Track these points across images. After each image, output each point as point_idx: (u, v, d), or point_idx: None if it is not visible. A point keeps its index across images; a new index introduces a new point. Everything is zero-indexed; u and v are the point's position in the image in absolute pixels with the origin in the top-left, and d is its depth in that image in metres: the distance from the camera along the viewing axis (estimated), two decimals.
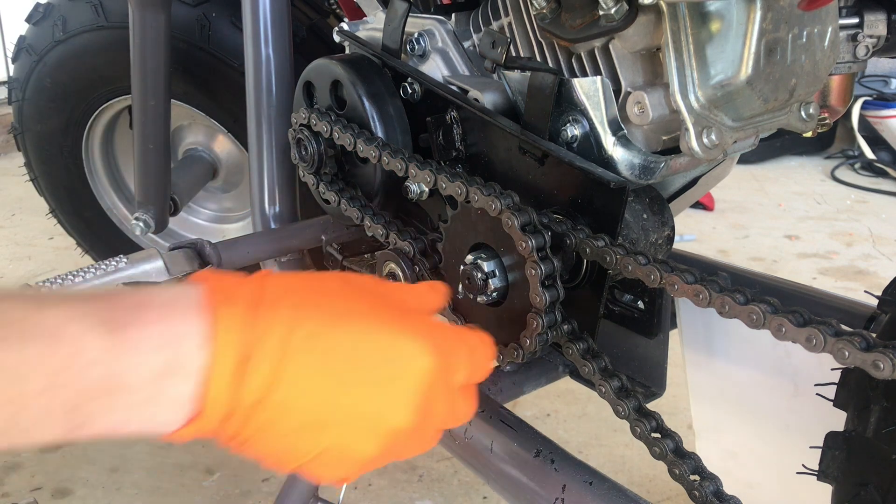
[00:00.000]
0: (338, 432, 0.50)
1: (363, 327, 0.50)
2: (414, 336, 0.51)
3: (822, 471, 0.70)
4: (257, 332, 0.46)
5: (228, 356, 0.45)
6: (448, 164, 0.85)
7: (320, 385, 0.48)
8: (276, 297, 0.48)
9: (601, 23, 0.68)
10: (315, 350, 0.48)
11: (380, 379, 0.50)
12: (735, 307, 0.62)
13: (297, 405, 0.48)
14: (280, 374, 0.47)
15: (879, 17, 0.83)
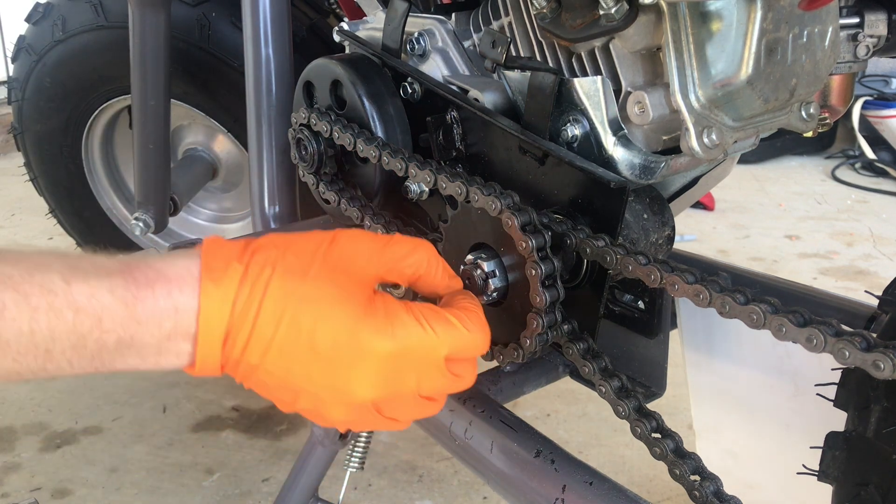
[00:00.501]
0: (309, 398, 0.59)
1: (326, 313, 0.57)
2: (370, 324, 0.58)
3: (823, 471, 0.70)
4: (237, 308, 0.56)
5: (213, 329, 0.55)
6: (448, 164, 0.85)
7: (285, 359, 0.57)
8: (256, 276, 0.57)
9: (601, 22, 0.68)
10: (280, 330, 0.56)
11: (338, 361, 0.57)
12: (735, 307, 0.62)
13: (269, 370, 0.57)
14: (254, 346, 0.56)
15: (880, 16, 0.83)
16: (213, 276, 0.56)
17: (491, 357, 0.80)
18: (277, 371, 0.57)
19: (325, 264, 0.59)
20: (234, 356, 0.57)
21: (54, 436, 1.68)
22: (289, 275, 0.58)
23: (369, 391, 0.59)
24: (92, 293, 0.52)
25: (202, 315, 0.55)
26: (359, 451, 1.09)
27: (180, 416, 1.75)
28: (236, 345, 0.56)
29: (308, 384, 0.58)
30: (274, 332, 0.56)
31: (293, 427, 1.71)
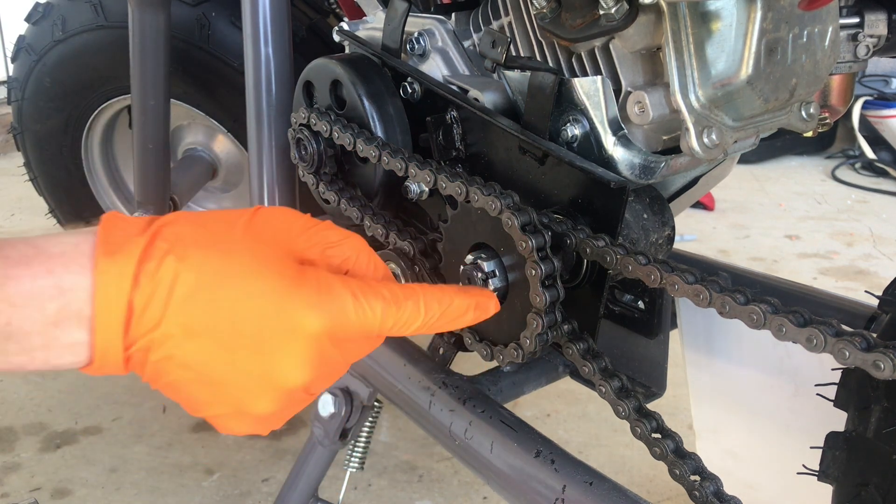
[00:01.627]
0: (230, 390, 0.51)
1: (249, 289, 0.50)
2: (300, 299, 0.51)
3: (823, 471, 0.70)
4: (140, 286, 0.47)
5: (112, 309, 0.47)
6: (448, 164, 0.85)
7: (204, 345, 0.49)
8: (165, 249, 0.48)
9: (601, 22, 0.68)
10: (196, 310, 0.48)
11: (266, 343, 0.50)
12: (735, 307, 0.62)
13: (183, 361, 0.49)
14: (162, 330, 0.48)
15: (880, 16, 0.83)
16: (110, 248, 0.47)
17: (491, 357, 0.80)
18: (195, 361, 0.49)
19: (246, 236, 0.53)
20: (140, 344, 0.48)
21: (54, 436, 1.68)
22: (204, 248, 0.50)
23: (302, 374, 0.52)
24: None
25: (98, 293, 0.46)
26: (359, 451, 1.09)
27: (180, 416, 1.75)
28: (141, 329, 0.47)
29: (232, 373, 0.50)
30: (189, 314, 0.48)
31: (293, 427, 1.71)
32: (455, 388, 0.84)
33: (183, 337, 0.48)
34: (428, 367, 0.87)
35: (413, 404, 0.87)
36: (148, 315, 0.47)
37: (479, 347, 0.81)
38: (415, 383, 0.87)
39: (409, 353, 0.91)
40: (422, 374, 0.87)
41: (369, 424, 1.07)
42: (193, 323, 0.48)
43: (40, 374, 1.90)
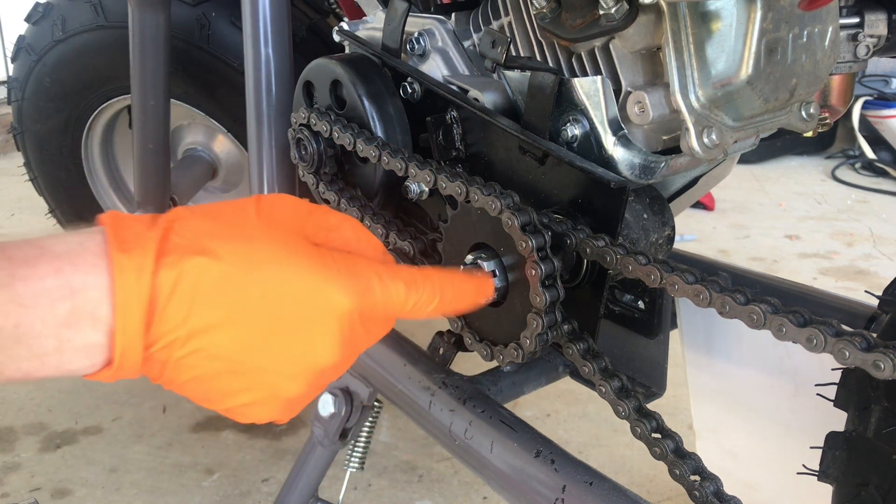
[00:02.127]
0: (264, 376, 0.50)
1: (275, 272, 0.49)
2: (332, 280, 0.51)
3: (823, 471, 0.70)
4: (161, 281, 0.46)
5: (132, 307, 0.45)
6: (448, 164, 0.85)
7: (237, 333, 0.48)
8: (182, 244, 0.47)
9: (601, 22, 0.68)
10: (227, 300, 0.48)
11: (301, 324, 0.50)
12: (735, 307, 0.62)
13: (214, 352, 0.48)
14: (190, 324, 0.47)
15: (880, 16, 0.83)
16: (123, 245, 0.45)
17: (491, 357, 0.80)
18: (228, 350, 0.48)
19: (261, 223, 0.52)
20: (164, 342, 0.46)
21: (54, 436, 1.68)
22: (225, 239, 0.49)
23: (334, 353, 0.52)
24: None
25: (116, 290, 0.44)
26: (359, 451, 1.09)
27: (180, 416, 1.75)
28: (164, 327, 0.46)
29: (266, 358, 0.50)
30: (219, 304, 0.47)
31: (293, 427, 1.71)
32: (455, 388, 0.84)
33: (213, 328, 0.47)
34: (428, 367, 0.87)
35: (413, 404, 0.87)
36: (171, 311, 0.46)
37: (479, 347, 0.81)
38: (415, 383, 0.87)
39: (409, 353, 0.91)
40: (422, 374, 0.87)
41: (369, 424, 1.07)
42: (224, 313, 0.47)
43: None
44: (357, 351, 0.56)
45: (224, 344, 0.48)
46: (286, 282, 0.50)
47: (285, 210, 0.55)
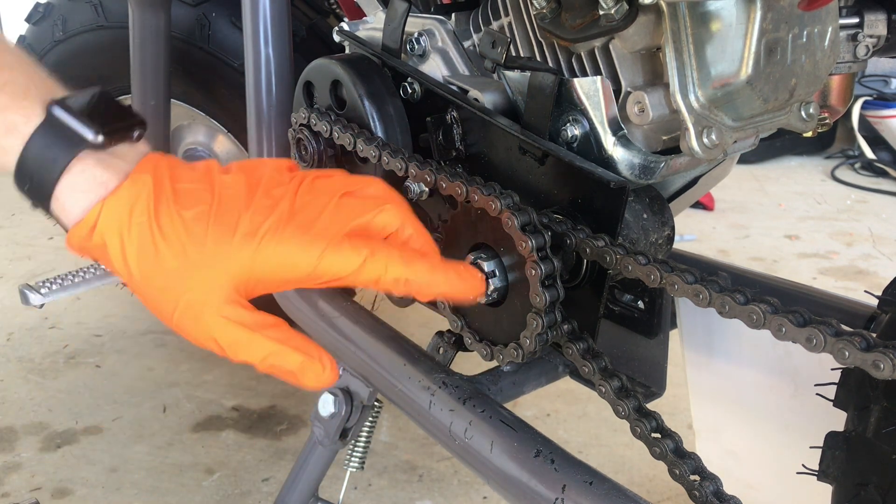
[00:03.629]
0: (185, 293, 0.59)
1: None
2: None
3: (823, 471, 0.70)
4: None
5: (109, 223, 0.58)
6: (448, 164, 0.85)
7: (157, 260, 0.58)
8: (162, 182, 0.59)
9: (601, 23, 0.68)
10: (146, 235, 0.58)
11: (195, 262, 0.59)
12: (735, 307, 0.62)
13: (148, 272, 0.59)
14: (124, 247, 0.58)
15: (879, 16, 0.83)
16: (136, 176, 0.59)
17: (491, 357, 0.80)
18: (145, 269, 0.59)
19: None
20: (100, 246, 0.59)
21: (54, 436, 1.68)
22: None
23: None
24: None
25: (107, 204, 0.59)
26: (359, 451, 1.09)
27: (180, 416, 1.75)
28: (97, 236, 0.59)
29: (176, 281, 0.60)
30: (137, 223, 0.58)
31: (293, 427, 1.71)
32: (455, 388, 0.84)
33: (133, 255, 0.59)
34: (428, 367, 0.87)
35: (413, 404, 0.87)
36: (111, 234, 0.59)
37: (479, 347, 0.81)
38: (415, 383, 0.87)
39: (409, 353, 0.91)
40: (422, 374, 0.87)
41: (369, 424, 1.07)
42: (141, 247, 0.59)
43: (40, 373, 1.90)
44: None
45: (144, 265, 0.59)
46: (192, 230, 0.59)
47: (318, 204, 0.62)
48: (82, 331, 2.10)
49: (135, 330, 2.10)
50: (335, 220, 0.61)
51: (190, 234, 0.58)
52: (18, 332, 2.09)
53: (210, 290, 0.59)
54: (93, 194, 0.58)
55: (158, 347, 2.02)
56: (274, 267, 0.59)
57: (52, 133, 0.57)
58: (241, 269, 0.59)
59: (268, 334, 0.61)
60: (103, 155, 0.59)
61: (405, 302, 0.88)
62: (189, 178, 0.61)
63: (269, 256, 0.59)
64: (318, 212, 0.61)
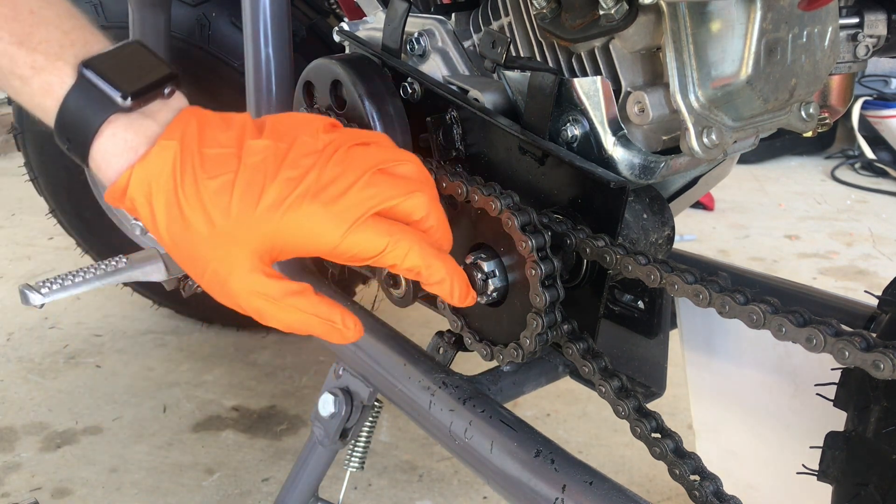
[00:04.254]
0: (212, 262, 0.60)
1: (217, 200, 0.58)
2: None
3: (823, 471, 0.70)
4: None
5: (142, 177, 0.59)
6: (448, 164, 0.85)
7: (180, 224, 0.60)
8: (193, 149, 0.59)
9: (601, 23, 0.68)
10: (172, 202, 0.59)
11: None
12: (735, 307, 0.62)
13: (176, 238, 0.61)
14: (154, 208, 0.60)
15: (879, 16, 0.83)
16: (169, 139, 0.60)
17: (491, 357, 0.80)
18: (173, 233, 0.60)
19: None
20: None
21: (54, 436, 1.68)
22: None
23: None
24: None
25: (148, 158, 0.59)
26: (359, 451, 1.09)
27: (180, 416, 1.75)
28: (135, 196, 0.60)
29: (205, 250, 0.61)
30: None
31: (293, 427, 1.71)
32: (455, 388, 0.84)
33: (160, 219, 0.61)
34: (428, 367, 0.87)
35: (413, 404, 0.87)
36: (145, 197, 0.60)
37: (479, 347, 0.81)
38: (415, 383, 0.87)
39: (409, 353, 0.91)
40: (422, 374, 0.87)
41: (369, 424, 1.07)
42: (165, 210, 0.61)
43: (40, 373, 1.90)
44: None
45: (170, 229, 0.61)
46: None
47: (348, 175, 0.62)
48: (82, 331, 2.10)
49: (135, 330, 2.10)
50: (363, 197, 0.60)
51: (215, 203, 0.58)
52: (18, 332, 2.09)
53: (235, 259, 0.59)
54: (123, 159, 0.59)
55: (158, 347, 2.02)
56: (297, 239, 0.59)
57: (83, 95, 0.58)
58: (264, 240, 0.59)
59: (292, 303, 0.61)
60: (134, 116, 0.59)
61: (405, 302, 0.88)
62: (218, 141, 0.60)
63: (293, 229, 0.59)
64: (347, 186, 0.60)
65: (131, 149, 0.59)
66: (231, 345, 2.02)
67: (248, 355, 1.98)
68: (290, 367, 1.93)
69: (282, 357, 1.97)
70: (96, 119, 0.58)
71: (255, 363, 1.95)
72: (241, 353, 1.99)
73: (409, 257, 0.62)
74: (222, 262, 0.60)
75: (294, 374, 1.90)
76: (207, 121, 0.62)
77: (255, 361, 1.96)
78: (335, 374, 1.02)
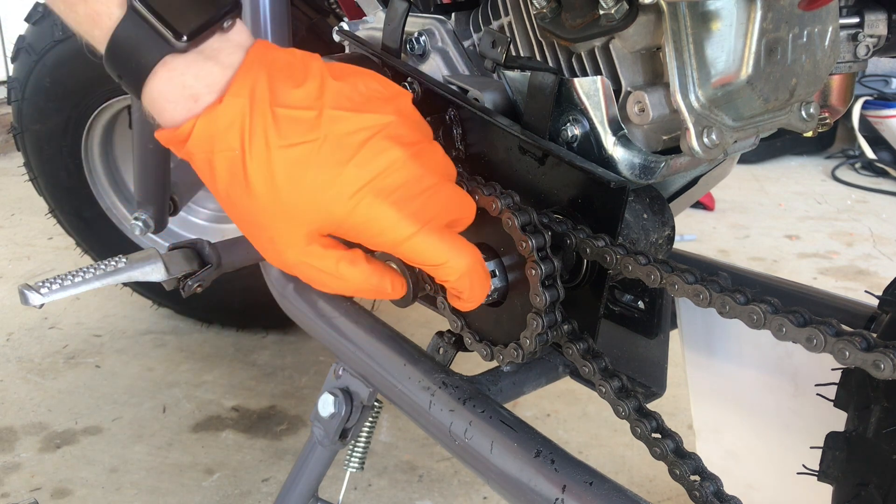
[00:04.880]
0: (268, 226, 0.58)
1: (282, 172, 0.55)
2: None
3: (823, 471, 0.70)
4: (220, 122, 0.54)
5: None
6: None
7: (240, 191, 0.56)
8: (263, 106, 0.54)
9: (601, 22, 0.68)
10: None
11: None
12: (735, 307, 0.62)
13: (234, 199, 0.57)
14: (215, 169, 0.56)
15: (880, 16, 0.83)
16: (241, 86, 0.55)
17: (491, 357, 0.80)
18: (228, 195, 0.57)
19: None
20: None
21: (54, 436, 1.68)
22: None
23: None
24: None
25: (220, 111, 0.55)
26: (359, 451, 1.09)
27: (180, 416, 1.75)
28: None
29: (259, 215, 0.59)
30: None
31: (293, 427, 1.71)
32: (455, 388, 0.84)
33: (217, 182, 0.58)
34: (428, 367, 0.87)
35: (413, 404, 0.87)
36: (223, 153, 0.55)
37: (478, 347, 0.81)
38: (415, 383, 0.87)
39: (409, 353, 0.91)
40: (422, 374, 0.87)
41: (369, 424, 1.07)
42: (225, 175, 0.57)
43: (40, 374, 1.90)
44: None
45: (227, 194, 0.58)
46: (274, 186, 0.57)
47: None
48: (82, 331, 2.10)
49: (135, 330, 2.10)
50: (434, 204, 0.60)
51: (287, 175, 0.54)
52: (18, 332, 2.09)
53: (295, 233, 0.57)
54: (182, 107, 0.54)
55: (158, 347, 2.02)
56: (362, 228, 0.58)
57: (134, 31, 0.53)
58: (330, 220, 0.57)
59: (344, 271, 0.60)
60: (192, 56, 0.54)
61: (405, 302, 0.87)
62: (294, 99, 0.55)
63: (363, 219, 0.57)
64: (422, 189, 0.59)
65: (191, 97, 0.54)
66: (231, 345, 2.02)
67: (247, 355, 1.98)
68: (289, 368, 1.93)
69: (282, 357, 1.97)
70: (150, 59, 0.53)
71: (254, 363, 1.95)
72: (240, 353, 1.99)
73: (462, 279, 0.63)
74: (282, 234, 0.57)
75: (294, 375, 1.90)
76: (279, 68, 0.56)
77: (255, 361, 1.96)
78: (335, 374, 1.01)
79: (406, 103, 0.62)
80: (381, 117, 0.58)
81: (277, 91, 0.55)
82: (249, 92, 0.54)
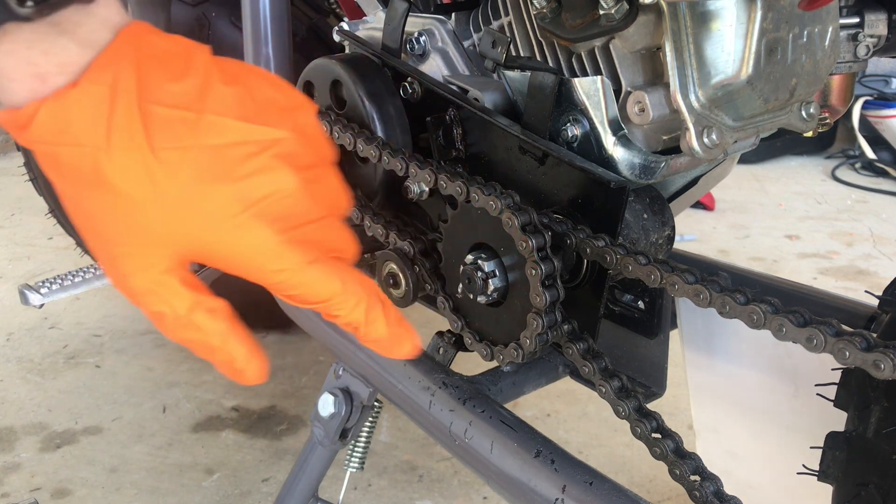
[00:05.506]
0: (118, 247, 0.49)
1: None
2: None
3: (823, 471, 0.70)
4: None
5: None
6: (448, 164, 0.85)
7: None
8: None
9: (601, 22, 0.68)
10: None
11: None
12: (735, 307, 0.62)
13: (81, 201, 0.48)
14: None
15: (880, 16, 0.83)
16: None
17: (491, 357, 0.80)
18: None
19: None
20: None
21: (54, 436, 1.68)
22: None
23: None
24: None
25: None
26: (359, 451, 1.09)
27: (180, 416, 1.75)
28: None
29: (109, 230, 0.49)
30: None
31: (293, 427, 1.71)
32: (455, 388, 0.84)
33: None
34: (428, 367, 0.87)
35: (413, 404, 0.87)
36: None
37: (479, 347, 0.81)
38: (415, 383, 0.87)
39: None
40: (422, 374, 0.87)
41: (369, 424, 1.07)
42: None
43: (40, 374, 1.90)
44: None
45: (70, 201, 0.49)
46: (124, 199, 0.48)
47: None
48: (82, 331, 2.10)
49: (135, 330, 2.10)
50: (324, 232, 0.53)
51: (152, 183, 0.45)
52: (18, 332, 2.09)
53: (151, 254, 0.48)
54: (25, 87, 0.45)
55: (158, 347, 2.02)
56: (238, 255, 0.49)
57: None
58: (198, 245, 0.48)
59: (198, 320, 0.50)
60: (43, 27, 0.44)
61: (405, 302, 0.88)
62: (168, 97, 0.46)
63: (239, 245, 0.48)
64: (308, 222, 0.51)
65: (37, 76, 0.45)
66: None
67: None
68: (290, 367, 1.93)
69: (282, 357, 1.97)
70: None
71: None
72: None
73: (356, 312, 0.55)
74: (133, 254, 0.48)
75: (294, 374, 1.90)
76: (155, 56, 0.48)
77: None
78: (335, 374, 1.01)
79: (308, 118, 0.53)
80: (272, 131, 0.48)
81: (149, 83, 0.46)
82: (112, 79, 0.45)
